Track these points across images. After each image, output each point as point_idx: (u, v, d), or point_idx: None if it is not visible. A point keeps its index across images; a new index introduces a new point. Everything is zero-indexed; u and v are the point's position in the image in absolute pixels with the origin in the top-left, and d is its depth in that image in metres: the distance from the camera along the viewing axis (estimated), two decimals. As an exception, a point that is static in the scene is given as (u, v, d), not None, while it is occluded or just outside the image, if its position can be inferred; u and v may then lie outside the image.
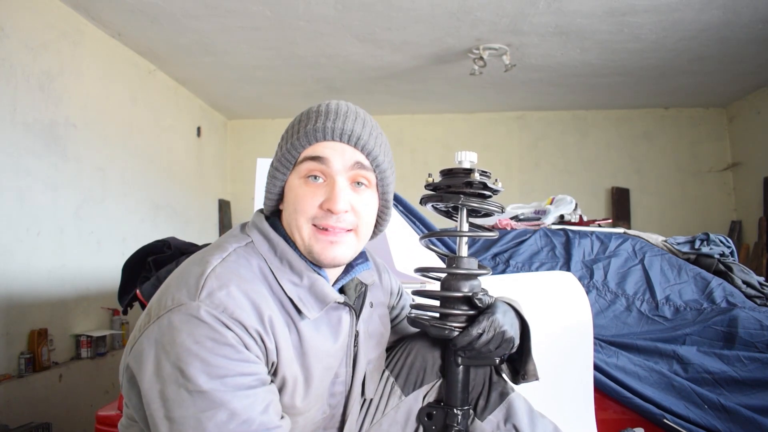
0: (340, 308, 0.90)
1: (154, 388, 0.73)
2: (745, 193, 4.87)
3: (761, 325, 1.70)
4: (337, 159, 0.85)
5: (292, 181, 0.88)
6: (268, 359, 0.79)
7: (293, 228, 0.87)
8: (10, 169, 2.68)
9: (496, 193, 1.01)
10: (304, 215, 0.85)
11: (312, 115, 0.88)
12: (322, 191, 0.85)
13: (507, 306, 0.97)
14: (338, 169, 0.85)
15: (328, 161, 0.85)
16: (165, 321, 0.75)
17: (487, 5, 3.08)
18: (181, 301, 0.75)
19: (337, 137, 0.85)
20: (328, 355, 0.88)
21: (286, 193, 0.89)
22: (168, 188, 4.26)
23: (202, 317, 0.73)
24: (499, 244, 2.14)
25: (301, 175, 0.86)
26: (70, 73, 3.11)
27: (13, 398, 2.54)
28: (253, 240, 0.87)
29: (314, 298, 0.85)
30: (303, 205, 0.85)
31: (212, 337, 0.73)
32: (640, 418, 1.49)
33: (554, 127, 5.32)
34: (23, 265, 2.75)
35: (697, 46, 3.62)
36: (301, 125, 0.88)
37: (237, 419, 0.72)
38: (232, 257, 0.82)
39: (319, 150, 0.85)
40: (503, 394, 1.02)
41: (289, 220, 0.88)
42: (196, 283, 0.77)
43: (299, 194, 0.86)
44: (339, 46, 3.67)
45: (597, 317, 1.81)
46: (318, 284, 0.85)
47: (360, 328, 0.95)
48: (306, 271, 0.86)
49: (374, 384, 1.02)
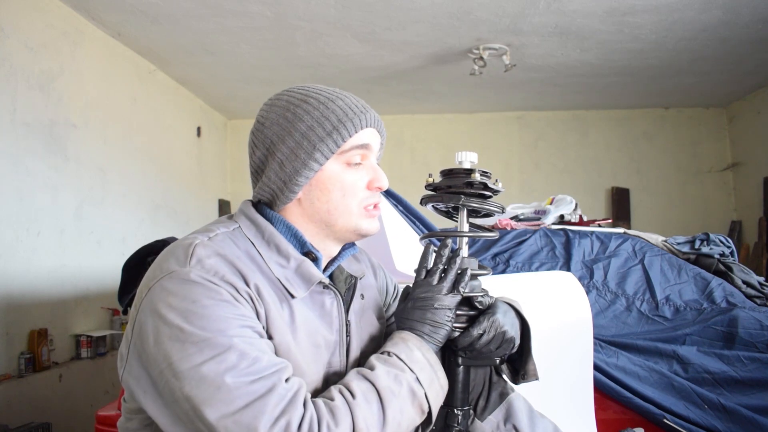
0: (324, 293, 0.91)
1: (159, 355, 0.72)
2: (745, 193, 4.87)
3: (761, 325, 1.70)
4: (376, 144, 0.94)
5: (334, 168, 0.89)
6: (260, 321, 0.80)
7: (338, 213, 0.90)
8: (10, 169, 2.68)
9: (496, 193, 1.01)
10: (355, 198, 0.90)
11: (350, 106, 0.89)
12: (364, 173, 0.91)
13: (507, 306, 0.98)
14: (375, 152, 0.95)
15: (371, 147, 0.92)
16: (157, 288, 0.75)
17: (487, 5, 3.08)
18: (172, 269, 0.76)
19: (375, 124, 0.93)
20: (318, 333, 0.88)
21: (324, 182, 0.89)
22: (168, 188, 4.26)
23: (195, 279, 0.74)
24: (499, 244, 2.14)
25: (346, 160, 0.90)
26: (70, 73, 3.11)
27: (13, 398, 2.54)
28: (240, 225, 0.89)
29: (300, 278, 0.86)
30: (354, 189, 0.90)
31: (208, 295, 0.73)
32: (640, 418, 1.49)
33: (554, 127, 5.32)
34: (23, 265, 2.75)
35: (697, 46, 3.62)
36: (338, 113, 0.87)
37: (247, 358, 0.71)
38: (219, 237, 0.84)
39: (364, 137, 0.90)
40: (503, 394, 1.03)
41: (328, 206, 0.89)
42: (185, 253, 0.78)
43: (349, 180, 0.90)
44: (339, 46, 3.67)
45: (597, 317, 1.81)
46: (304, 265, 0.87)
47: (351, 319, 0.96)
48: (293, 254, 0.87)
49: None
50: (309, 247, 0.90)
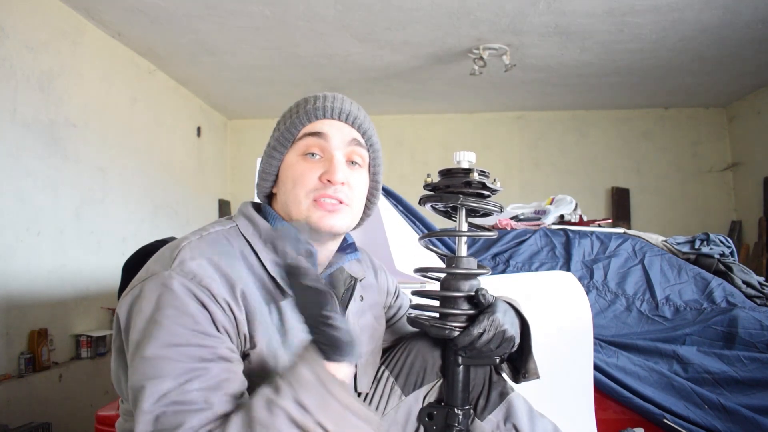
0: None
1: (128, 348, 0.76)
2: (745, 193, 4.86)
3: (761, 325, 1.70)
4: (336, 135, 0.90)
5: (290, 158, 0.91)
6: (239, 330, 0.79)
7: (290, 203, 0.89)
8: (10, 169, 2.68)
9: (494, 192, 1.01)
10: (303, 188, 0.88)
11: (310, 99, 0.93)
12: (321, 165, 0.89)
13: (507, 305, 0.98)
14: (336, 145, 0.90)
15: (328, 137, 0.90)
16: (137, 290, 0.78)
17: (487, 5, 3.08)
18: (154, 271, 0.78)
19: (336, 116, 0.91)
20: None
21: (283, 172, 0.92)
22: (168, 188, 4.26)
23: (170, 285, 0.75)
24: (499, 244, 2.14)
25: (300, 151, 0.90)
26: (70, 73, 3.11)
27: (13, 398, 2.54)
28: (237, 224, 0.89)
29: None
30: (303, 179, 0.88)
31: (174, 305, 0.74)
32: (640, 418, 1.49)
33: (554, 127, 5.32)
34: (23, 265, 2.75)
35: (697, 46, 3.62)
36: (299, 107, 0.93)
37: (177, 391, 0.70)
38: (211, 236, 0.85)
39: (318, 126, 0.90)
40: (503, 393, 1.03)
41: (286, 198, 0.90)
42: (171, 255, 0.79)
43: (298, 169, 0.89)
44: (339, 46, 3.67)
45: (597, 317, 1.81)
46: None
47: (349, 321, 0.96)
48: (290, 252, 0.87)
49: (367, 378, 1.02)
50: None
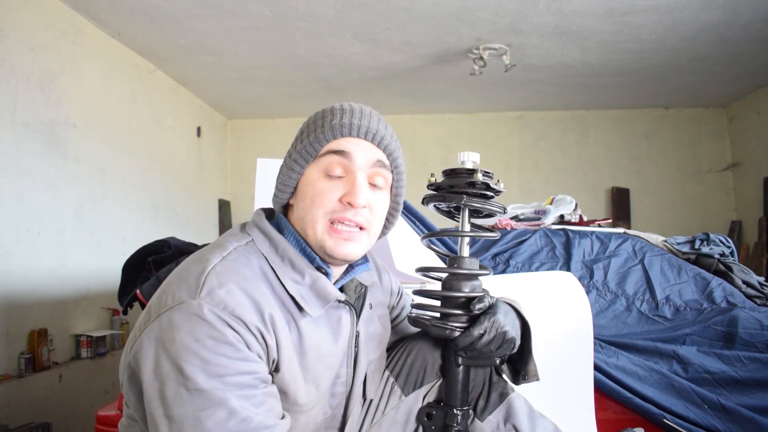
0: (340, 307, 0.91)
1: (153, 386, 0.73)
2: (745, 193, 4.86)
3: (761, 325, 1.70)
4: (360, 155, 0.87)
5: (311, 174, 0.88)
6: (269, 356, 0.79)
7: (307, 221, 0.87)
8: (10, 169, 2.68)
9: (498, 193, 1.01)
10: (322, 208, 0.86)
11: (336, 112, 0.89)
12: (342, 185, 0.86)
13: (508, 306, 0.97)
14: (360, 166, 0.87)
15: (352, 156, 0.87)
16: (165, 319, 0.75)
17: (487, 5, 3.08)
18: (182, 299, 0.75)
19: (362, 135, 0.87)
20: (329, 354, 0.88)
21: (302, 187, 0.89)
22: (168, 188, 4.26)
23: (203, 315, 0.73)
24: (499, 244, 2.14)
25: (321, 168, 0.87)
26: (70, 73, 3.11)
27: (13, 398, 2.54)
28: (253, 239, 0.87)
29: (316, 295, 0.85)
30: (322, 198, 0.86)
31: (212, 335, 0.73)
32: (640, 418, 1.49)
33: (554, 127, 5.32)
34: (23, 265, 2.75)
35: (697, 46, 3.62)
36: (325, 120, 0.89)
37: (236, 417, 0.71)
38: (232, 255, 0.82)
39: (343, 145, 0.87)
40: (503, 394, 1.02)
41: (303, 214, 0.88)
42: (197, 281, 0.77)
43: (318, 188, 0.86)
44: (339, 46, 3.67)
45: (597, 317, 1.81)
46: (320, 282, 0.86)
47: (360, 329, 0.96)
48: (308, 269, 0.86)
49: (375, 385, 1.02)
50: (318, 263, 0.89)
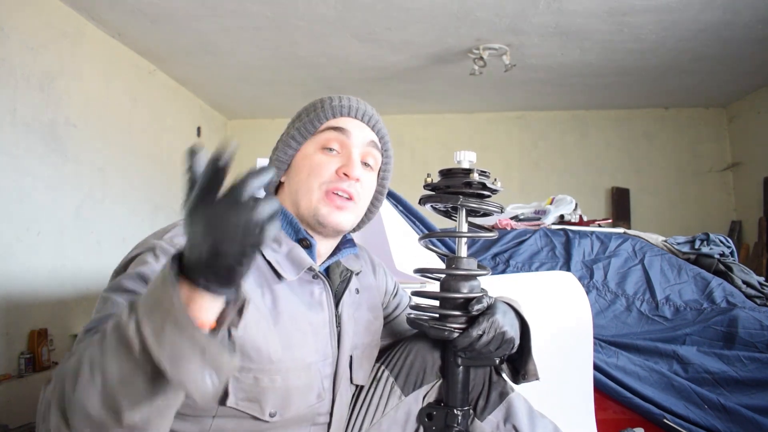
0: (314, 282, 0.93)
1: None
2: (745, 193, 4.86)
3: (761, 325, 1.70)
4: (357, 133, 0.95)
5: (307, 149, 0.95)
6: None
7: (301, 193, 0.92)
8: (11, 169, 2.68)
9: (495, 192, 1.01)
10: (318, 179, 0.91)
11: (334, 97, 0.97)
12: (338, 160, 0.93)
13: (507, 306, 0.98)
14: (356, 143, 0.95)
15: (350, 134, 0.94)
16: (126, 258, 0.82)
17: (487, 5, 3.08)
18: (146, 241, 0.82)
19: (360, 116, 0.96)
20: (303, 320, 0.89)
21: (298, 161, 0.95)
22: (168, 188, 4.26)
23: (156, 251, 0.78)
24: (499, 244, 2.14)
25: (319, 143, 0.94)
26: (70, 73, 3.11)
27: (13, 398, 2.54)
28: None
29: (291, 262, 0.89)
30: (320, 169, 0.92)
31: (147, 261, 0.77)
32: (640, 418, 1.49)
33: (554, 127, 5.32)
34: (23, 265, 2.75)
35: (697, 46, 3.62)
36: (324, 103, 0.97)
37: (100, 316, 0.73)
38: None
39: (342, 122, 0.95)
40: (503, 394, 1.03)
41: (297, 187, 0.93)
42: (164, 230, 0.83)
43: (315, 160, 0.93)
44: (339, 46, 3.67)
45: (597, 317, 1.81)
46: (296, 251, 0.90)
47: (343, 310, 0.97)
48: (285, 239, 0.91)
49: (364, 371, 1.02)
50: (303, 234, 0.92)
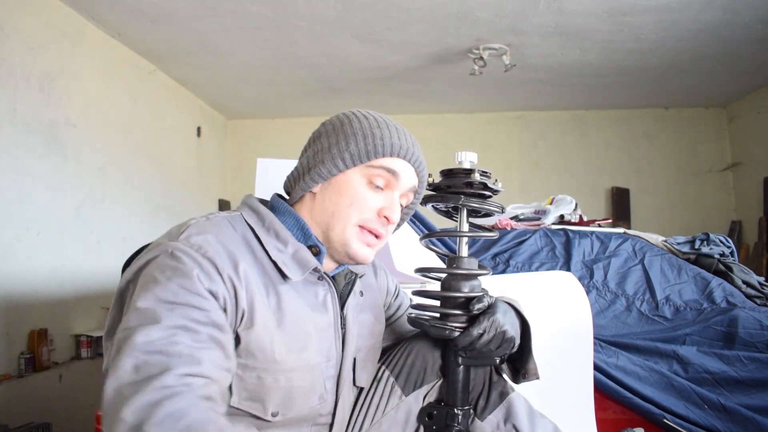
0: (318, 284, 0.93)
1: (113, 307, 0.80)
2: (745, 193, 4.86)
3: (761, 325, 1.70)
4: (406, 179, 0.95)
5: (353, 176, 0.92)
6: (238, 306, 0.80)
7: (337, 217, 0.91)
8: (11, 169, 2.68)
9: (496, 193, 1.01)
10: (359, 213, 0.91)
11: (392, 127, 0.95)
12: (380, 199, 0.93)
13: (507, 305, 0.98)
14: (401, 187, 0.95)
15: (400, 179, 0.94)
16: (143, 259, 0.80)
17: (487, 5, 3.08)
18: (160, 243, 0.80)
19: (412, 162, 0.95)
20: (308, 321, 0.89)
21: (339, 184, 0.93)
22: (168, 188, 4.26)
23: (174, 252, 0.77)
24: (499, 244, 2.14)
25: (367, 176, 0.92)
26: (70, 73, 3.11)
27: (13, 398, 2.54)
28: (241, 213, 0.92)
29: (296, 263, 0.89)
30: (363, 204, 0.91)
31: (175, 267, 0.75)
32: (640, 418, 1.49)
33: (554, 127, 5.32)
34: (23, 265, 2.75)
35: (697, 46, 3.62)
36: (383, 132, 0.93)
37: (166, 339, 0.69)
38: (217, 219, 0.87)
39: (397, 165, 0.93)
40: (503, 393, 1.03)
41: (333, 209, 0.92)
42: (178, 231, 0.82)
43: (361, 193, 0.92)
44: (339, 46, 3.67)
45: (597, 317, 1.81)
46: (301, 252, 0.90)
47: (348, 312, 0.97)
48: (291, 240, 0.90)
49: (367, 374, 1.02)
50: (314, 240, 0.92)
